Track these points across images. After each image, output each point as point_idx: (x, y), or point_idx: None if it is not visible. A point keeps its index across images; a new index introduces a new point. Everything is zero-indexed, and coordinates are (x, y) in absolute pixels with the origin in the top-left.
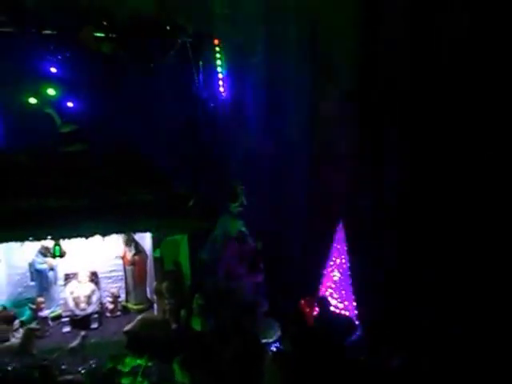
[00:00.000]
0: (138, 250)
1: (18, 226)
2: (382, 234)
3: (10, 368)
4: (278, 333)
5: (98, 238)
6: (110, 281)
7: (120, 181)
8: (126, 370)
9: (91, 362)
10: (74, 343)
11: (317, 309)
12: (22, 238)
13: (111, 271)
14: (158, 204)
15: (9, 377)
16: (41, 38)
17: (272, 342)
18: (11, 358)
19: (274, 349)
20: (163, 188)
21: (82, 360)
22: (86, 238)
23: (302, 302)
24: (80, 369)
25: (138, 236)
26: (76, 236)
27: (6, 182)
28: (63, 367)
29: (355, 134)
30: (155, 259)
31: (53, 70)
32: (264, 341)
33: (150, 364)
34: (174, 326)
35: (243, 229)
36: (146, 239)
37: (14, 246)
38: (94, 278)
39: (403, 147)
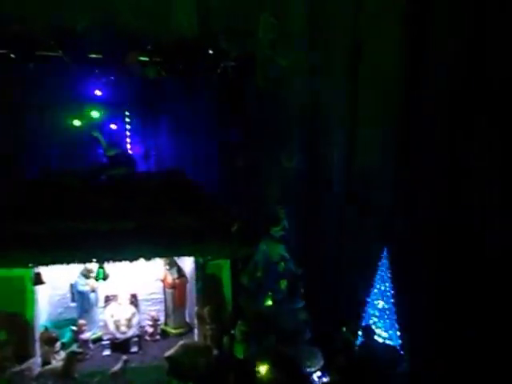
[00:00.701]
0: (181, 273)
1: (64, 249)
2: (429, 261)
3: None
4: (322, 362)
5: (141, 261)
6: (149, 303)
7: (164, 205)
8: None
9: None
10: (116, 367)
11: (360, 338)
12: (67, 261)
13: (151, 294)
14: (201, 229)
15: None
16: (87, 62)
17: (315, 370)
18: (54, 381)
19: (317, 378)
20: (206, 213)
21: None
22: (131, 261)
23: (345, 329)
24: None
25: (179, 259)
26: (121, 259)
27: (53, 204)
28: None
29: (394, 159)
30: (197, 283)
31: (98, 93)
32: (307, 370)
33: None
34: (215, 352)
35: (285, 253)
36: (186, 262)
37: (56, 268)
38: (134, 300)
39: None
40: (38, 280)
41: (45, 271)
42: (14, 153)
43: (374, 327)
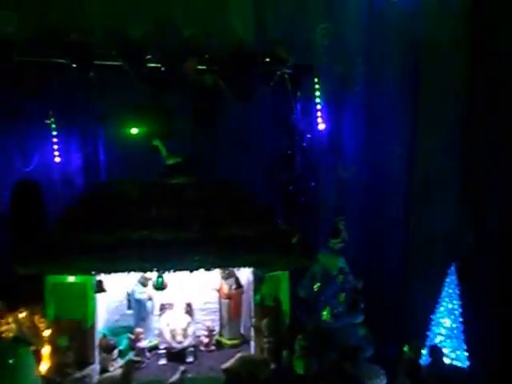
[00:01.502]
0: (237, 284)
1: (126, 258)
2: (500, 277)
3: None
4: (384, 381)
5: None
6: (204, 313)
7: (223, 215)
8: None
9: None
10: (174, 378)
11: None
12: (128, 269)
13: (205, 303)
14: (260, 240)
15: None
16: (146, 71)
17: None
18: None
19: None
20: (265, 223)
21: None
22: (191, 271)
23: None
24: None
25: (236, 269)
26: (181, 269)
27: (114, 214)
28: None
29: (458, 171)
30: (255, 295)
31: (158, 102)
32: None
33: None
34: (273, 365)
35: (344, 266)
36: (242, 273)
37: (115, 276)
38: (189, 309)
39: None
40: (99, 287)
41: (104, 279)
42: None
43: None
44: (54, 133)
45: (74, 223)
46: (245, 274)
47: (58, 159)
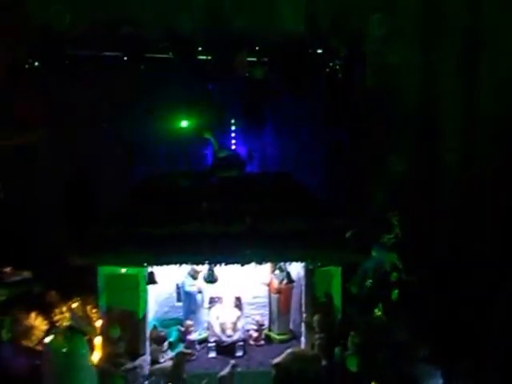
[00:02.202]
0: (290, 279)
1: (178, 250)
2: None
3: None
4: (440, 381)
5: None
6: (252, 307)
7: (275, 208)
8: None
9: None
10: (225, 371)
11: None
12: (180, 262)
13: (254, 297)
14: (313, 234)
15: None
16: (197, 63)
17: None
18: (164, 380)
19: None
20: (318, 217)
21: None
22: (242, 265)
23: None
24: None
25: (287, 264)
26: (233, 263)
27: (165, 206)
28: None
29: None
30: (306, 290)
31: (208, 95)
32: None
33: None
34: (324, 362)
35: (397, 262)
36: (293, 267)
37: (165, 268)
38: (238, 303)
39: None
40: (151, 279)
41: (156, 271)
42: (125, 154)
43: None
44: (106, 125)
45: (126, 215)
46: (295, 269)
47: (109, 151)
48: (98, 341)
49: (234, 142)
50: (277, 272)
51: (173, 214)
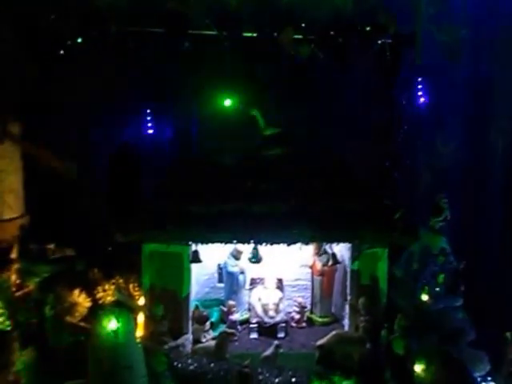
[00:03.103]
0: (336, 260)
1: (224, 229)
2: None
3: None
4: (487, 367)
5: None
6: (294, 289)
7: (322, 188)
8: None
9: (288, 373)
10: (268, 352)
11: None
12: (225, 240)
13: (296, 280)
14: (360, 214)
15: (208, 377)
16: (242, 40)
17: (479, 377)
18: (207, 359)
19: None
20: (365, 197)
21: (278, 371)
22: (288, 245)
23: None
24: (276, 380)
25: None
26: (278, 242)
27: (211, 183)
28: (260, 377)
29: None
30: (352, 272)
31: (254, 72)
32: None
33: None
34: (368, 345)
35: (445, 246)
36: (337, 249)
37: (206, 247)
38: (280, 285)
39: None
40: (195, 258)
41: (199, 250)
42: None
43: None
44: (148, 104)
45: (171, 193)
46: (339, 251)
47: (151, 131)
48: (141, 319)
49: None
50: (321, 254)
51: (218, 192)
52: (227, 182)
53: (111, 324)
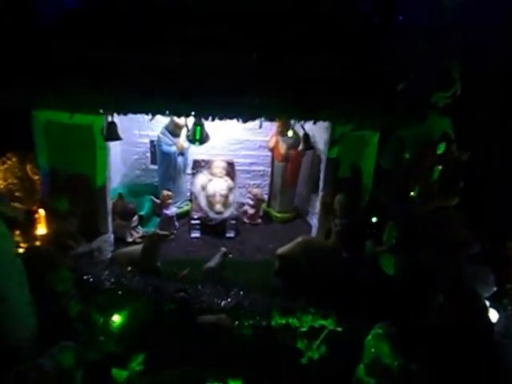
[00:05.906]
0: (309, 144)
1: (150, 92)
2: None
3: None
4: (493, 288)
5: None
6: (248, 176)
7: (300, 41)
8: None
9: (238, 294)
10: (213, 262)
11: None
12: (153, 110)
13: (251, 164)
14: (350, 82)
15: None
16: None
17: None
18: (130, 267)
19: None
20: (354, 55)
21: (224, 290)
22: (245, 121)
23: None
24: (223, 303)
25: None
26: (231, 117)
27: (138, 28)
28: (202, 298)
29: None
30: (328, 161)
31: None
32: None
33: (338, 329)
34: (344, 256)
35: (449, 131)
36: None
37: (133, 117)
38: (230, 170)
39: None
40: (111, 133)
41: (119, 121)
42: None
43: None
44: None
45: (77, 35)
46: (312, 131)
47: None
48: (41, 214)
49: None
50: (289, 133)
51: (147, 39)
52: (161, 25)
53: None
